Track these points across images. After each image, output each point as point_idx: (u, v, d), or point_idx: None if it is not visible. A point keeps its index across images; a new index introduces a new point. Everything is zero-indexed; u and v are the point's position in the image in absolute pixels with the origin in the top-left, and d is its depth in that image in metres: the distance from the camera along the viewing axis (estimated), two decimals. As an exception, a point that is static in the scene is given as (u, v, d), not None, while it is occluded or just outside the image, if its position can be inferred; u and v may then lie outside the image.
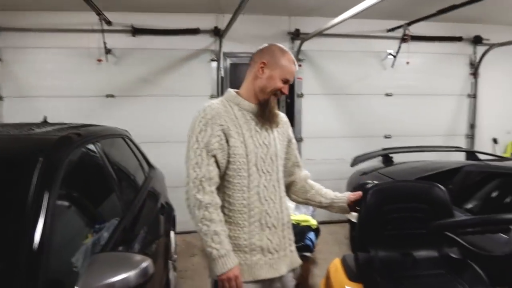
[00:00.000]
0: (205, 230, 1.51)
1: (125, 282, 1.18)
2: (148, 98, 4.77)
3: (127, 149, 2.87)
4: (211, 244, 1.51)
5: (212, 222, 1.52)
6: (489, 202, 2.65)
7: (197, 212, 1.53)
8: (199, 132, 1.58)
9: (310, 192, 1.86)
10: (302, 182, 1.87)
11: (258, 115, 1.67)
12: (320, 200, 1.85)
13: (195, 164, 1.55)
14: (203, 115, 1.60)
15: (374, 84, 5.28)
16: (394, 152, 4.32)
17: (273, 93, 1.66)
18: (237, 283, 1.53)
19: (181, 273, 3.72)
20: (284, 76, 1.65)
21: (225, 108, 1.64)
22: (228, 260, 1.52)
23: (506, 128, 5.75)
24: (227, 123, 1.61)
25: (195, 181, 1.54)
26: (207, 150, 1.56)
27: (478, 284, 1.51)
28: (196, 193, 1.53)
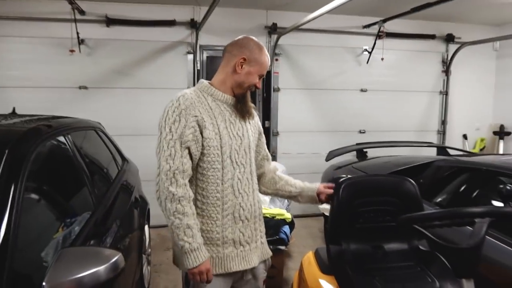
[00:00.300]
0: (177, 224, 1.50)
1: (95, 277, 1.16)
2: (123, 90, 4.68)
3: (100, 141, 2.81)
4: (183, 238, 1.49)
5: (184, 215, 1.50)
6: (458, 196, 2.73)
7: (169, 205, 1.50)
8: (173, 122, 1.54)
9: (279, 183, 1.87)
10: (271, 174, 1.89)
11: (235, 107, 1.68)
12: (290, 190, 1.86)
13: (168, 156, 1.52)
14: (176, 105, 1.56)
15: (349, 79, 5.35)
16: (367, 147, 4.40)
17: (249, 88, 1.68)
18: (207, 276, 1.54)
19: (155, 267, 3.69)
20: (261, 72, 1.68)
21: (198, 99, 1.62)
22: (200, 254, 1.51)
23: (476, 124, 5.95)
24: (202, 114, 1.58)
25: (168, 173, 1.51)
26: (181, 141, 1.53)
27: (444, 275, 1.56)
28: (169, 185, 1.50)
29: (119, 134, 3.77)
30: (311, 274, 2.05)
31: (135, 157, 3.64)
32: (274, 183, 1.88)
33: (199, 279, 1.53)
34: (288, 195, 1.88)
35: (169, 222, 1.52)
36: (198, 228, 1.54)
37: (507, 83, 5.71)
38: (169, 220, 1.52)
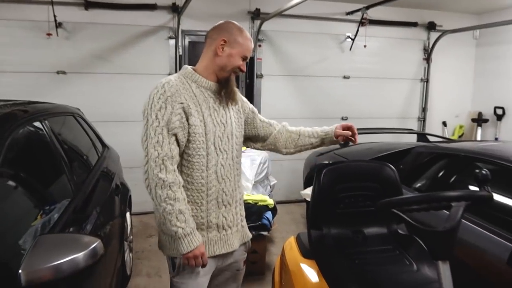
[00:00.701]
0: (169, 210, 1.50)
1: (73, 264, 1.14)
2: (103, 76, 4.57)
3: (79, 128, 2.76)
4: (176, 223, 1.50)
5: (176, 201, 1.50)
6: (436, 181, 2.79)
7: (160, 191, 1.50)
8: (159, 109, 1.53)
9: (298, 140, 1.86)
10: (284, 134, 1.88)
11: (218, 93, 1.66)
12: (311, 142, 1.86)
13: (156, 143, 1.51)
14: (162, 92, 1.55)
15: (332, 66, 5.36)
16: (350, 133, 4.43)
17: (233, 71, 1.66)
18: (203, 260, 1.56)
19: (138, 254, 3.68)
20: (244, 54, 1.65)
21: (183, 85, 1.61)
22: (194, 238, 1.53)
23: (455, 112, 6.06)
24: (187, 101, 1.58)
25: (156, 160, 1.50)
26: (168, 128, 1.52)
27: (421, 257, 1.61)
28: (158, 172, 1.50)
29: (99, 121, 3.70)
30: (293, 258, 2.08)
31: (116, 144, 3.59)
32: (293, 141, 1.87)
33: (195, 263, 1.54)
34: (311, 147, 1.88)
35: (160, 208, 1.51)
36: (189, 213, 1.55)
37: (485, 71, 5.82)
38: (160, 207, 1.51)
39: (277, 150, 1.91)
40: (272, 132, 1.89)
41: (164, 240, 1.69)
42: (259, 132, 1.88)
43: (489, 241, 2.01)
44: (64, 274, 1.12)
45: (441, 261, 1.26)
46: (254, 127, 1.87)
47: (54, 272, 1.10)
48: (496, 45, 5.64)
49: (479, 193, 1.30)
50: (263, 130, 1.88)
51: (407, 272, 1.55)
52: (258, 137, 1.90)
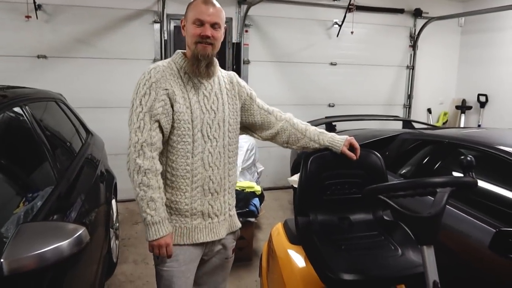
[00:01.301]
0: (141, 195, 1.51)
1: (58, 252, 1.12)
2: (86, 60, 4.46)
3: (61, 114, 2.70)
4: (146, 210, 1.51)
5: (149, 188, 1.51)
6: (421, 167, 2.83)
7: (136, 176, 1.51)
8: (143, 95, 1.52)
9: (301, 140, 1.84)
10: (288, 131, 1.84)
11: (191, 71, 1.60)
12: (314, 146, 1.85)
13: (137, 128, 1.52)
14: (147, 78, 1.54)
15: (319, 53, 5.34)
16: (336, 120, 4.46)
17: (196, 43, 1.56)
18: (167, 250, 1.56)
19: (124, 241, 3.66)
20: (194, 17, 1.56)
21: (171, 71, 1.59)
22: (161, 228, 1.53)
23: (439, 99, 6.13)
24: (173, 87, 1.56)
25: (136, 145, 1.51)
26: (150, 114, 1.52)
27: (406, 242, 1.63)
28: (136, 157, 1.50)
29: (82, 107, 3.64)
30: (280, 244, 2.09)
31: (101, 130, 3.53)
32: (296, 140, 1.84)
33: (159, 252, 1.55)
34: (313, 150, 1.87)
35: (135, 193, 1.53)
36: (162, 202, 1.54)
37: (470, 59, 5.89)
38: (135, 192, 1.52)
39: (277, 144, 1.89)
40: (271, 120, 1.83)
41: None
42: (255, 120, 1.81)
43: (472, 226, 2.06)
44: (48, 263, 1.10)
45: (425, 246, 1.28)
46: (251, 114, 1.80)
47: (38, 261, 1.07)
48: (481, 33, 5.69)
49: (464, 179, 1.32)
50: (261, 117, 1.82)
51: (392, 257, 1.57)
52: (256, 125, 1.83)
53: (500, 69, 5.39)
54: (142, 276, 3.07)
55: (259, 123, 1.83)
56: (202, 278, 1.83)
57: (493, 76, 5.50)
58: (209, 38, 1.56)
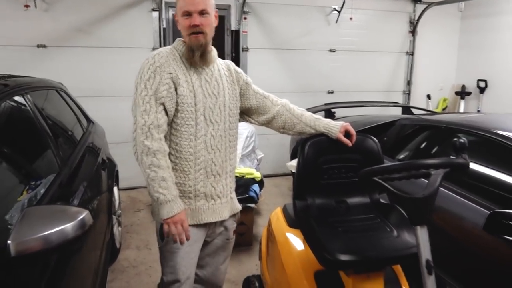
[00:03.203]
0: (152, 176, 1.53)
1: (63, 234, 1.16)
2: (85, 50, 4.47)
3: (62, 102, 2.72)
4: (158, 190, 1.53)
5: (160, 168, 1.53)
6: (419, 152, 2.86)
7: (145, 158, 1.53)
8: (148, 79, 1.57)
9: (298, 125, 1.88)
10: (284, 116, 1.88)
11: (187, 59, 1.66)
12: (310, 132, 1.89)
13: (144, 111, 1.55)
14: (151, 63, 1.59)
15: (318, 39, 5.33)
16: (335, 107, 4.48)
17: (189, 34, 1.62)
18: (183, 227, 1.58)
19: (127, 228, 3.72)
20: (182, 9, 1.61)
21: (174, 57, 1.64)
22: (175, 205, 1.56)
23: (439, 85, 6.13)
24: (176, 71, 1.61)
25: (143, 128, 1.54)
26: (155, 97, 1.56)
27: (401, 224, 1.67)
28: (144, 139, 1.53)
29: (83, 96, 3.65)
30: (279, 228, 2.13)
31: (101, 119, 3.56)
32: (292, 125, 1.88)
33: (175, 229, 1.55)
34: (309, 135, 1.90)
35: (145, 175, 1.55)
36: (173, 180, 1.58)
37: (470, 44, 5.87)
38: (145, 173, 1.54)
39: (274, 129, 1.93)
40: (267, 105, 1.88)
41: (154, 206, 1.73)
42: (251, 104, 1.86)
43: (467, 209, 2.10)
44: (53, 245, 1.13)
45: (419, 226, 1.32)
46: (247, 98, 1.85)
47: (43, 243, 1.11)
48: (481, 18, 5.66)
49: (456, 161, 1.35)
50: (256, 102, 1.86)
51: (388, 238, 1.61)
52: (252, 110, 1.88)
53: (499, 55, 5.38)
54: (144, 261, 3.13)
55: (255, 107, 1.87)
56: (205, 259, 1.89)
57: (492, 62, 5.49)
58: (198, 26, 1.60)
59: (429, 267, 1.29)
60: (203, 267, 1.92)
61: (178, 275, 1.73)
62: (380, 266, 1.60)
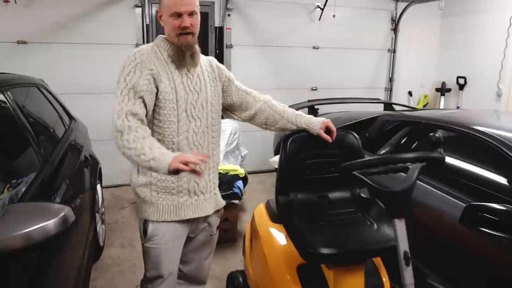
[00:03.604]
0: (140, 148, 1.46)
1: (44, 231, 1.15)
2: (67, 46, 4.40)
3: (44, 99, 2.69)
4: (152, 152, 1.45)
5: (145, 138, 1.49)
6: (399, 147, 2.91)
7: (126, 136, 1.48)
8: (128, 74, 1.57)
9: (280, 121, 1.90)
10: (266, 112, 1.89)
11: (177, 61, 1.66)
12: (292, 128, 1.91)
13: (121, 101, 1.54)
14: (132, 59, 1.60)
15: (302, 36, 5.36)
16: (319, 103, 4.53)
17: (178, 34, 1.62)
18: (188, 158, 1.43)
19: (110, 225, 3.70)
20: (171, 11, 1.60)
21: (155, 54, 1.64)
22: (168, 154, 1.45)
23: (420, 82, 6.23)
24: (157, 68, 1.61)
25: (120, 113, 1.52)
26: (134, 91, 1.55)
27: (381, 218, 1.71)
28: (121, 122, 1.49)
29: (64, 93, 3.61)
30: (262, 223, 2.16)
31: (84, 116, 3.53)
32: (274, 121, 1.90)
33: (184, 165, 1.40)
34: (291, 131, 1.92)
35: (131, 152, 1.47)
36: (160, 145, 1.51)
37: (449, 42, 5.98)
38: (130, 150, 1.47)
39: (256, 125, 1.95)
40: (250, 101, 1.89)
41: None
42: (234, 100, 1.88)
43: (445, 202, 2.16)
44: (35, 242, 1.13)
45: (397, 219, 1.36)
46: (230, 94, 1.87)
47: (24, 240, 1.11)
48: (460, 16, 5.78)
49: (432, 155, 1.39)
50: (239, 98, 1.88)
51: (368, 231, 1.65)
52: (234, 106, 1.90)
53: (478, 52, 5.50)
54: (129, 259, 3.12)
55: (237, 103, 1.89)
56: (188, 255, 1.91)
57: (471, 59, 5.61)
58: (189, 28, 1.61)
59: (406, 258, 1.34)
60: (187, 263, 1.93)
61: (161, 271, 1.75)
62: (361, 258, 1.64)
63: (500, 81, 5.20)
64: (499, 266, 1.82)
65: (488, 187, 2.10)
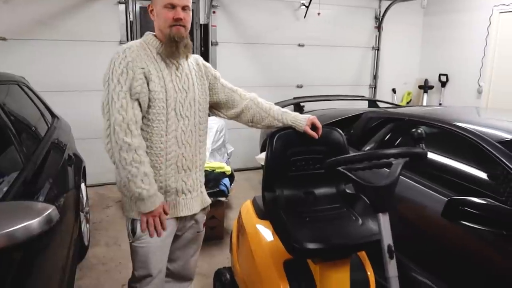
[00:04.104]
0: (134, 172, 1.52)
1: (28, 231, 1.14)
2: (48, 43, 4.32)
3: (25, 97, 2.64)
4: (141, 185, 1.53)
5: (141, 164, 1.54)
6: (383, 144, 2.95)
7: (125, 155, 1.51)
8: (121, 74, 1.54)
9: (266, 118, 1.90)
10: (253, 110, 1.90)
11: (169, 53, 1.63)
12: (278, 125, 1.92)
13: (121, 108, 1.52)
14: (123, 57, 1.56)
15: (287, 34, 5.38)
16: (304, 101, 4.56)
17: (171, 26, 1.61)
18: (160, 219, 1.64)
19: (95, 224, 3.66)
20: (165, 2, 1.60)
21: (144, 51, 1.62)
22: (157, 199, 1.59)
23: (404, 79, 6.32)
24: (148, 66, 1.59)
25: (122, 124, 1.51)
26: (130, 93, 1.54)
27: (366, 213, 1.74)
28: (124, 136, 1.51)
29: (47, 90, 3.55)
30: (249, 220, 2.17)
31: (67, 115, 3.47)
32: (260, 119, 1.91)
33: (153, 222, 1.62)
34: (278, 128, 1.93)
35: (125, 171, 1.53)
36: (153, 175, 1.59)
37: (432, 40, 6.08)
38: (125, 170, 1.53)
39: (242, 123, 1.95)
40: (236, 99, 1.90)
41: (125, 202, 1.72)
42: (220, 98, 1.88)
43: (427, 197, 2.20)
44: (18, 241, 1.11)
45: (381, 213, 1.38)
46: (216, 92, 1.87)
47: (8, 239, 1.09)
48: (442, 14, 5.87)
49: (414, 150, 1.42)
50: (225, 95, 1.88)
51: (353, 226, 1.67)
52: (220, 104, 1.90)
53: (459, 50, 5.60)
54: (114, 258, 3.10)
55: (223, 101, 1.89)
56: (175, 253, 1.90)
57: (453, 56, 5.71)
58: (182, 20, 1.62)
59: (390, 252, 1.36)
60: (174, 261, 1.93)
61: (150, 270, 1.74)
62: (346, 253, 1.66)
63: (481, 79, 5.31)
64: (479, 258, 1.87)
65: (469, 182, 2.15)
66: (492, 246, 1.82)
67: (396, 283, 1.35)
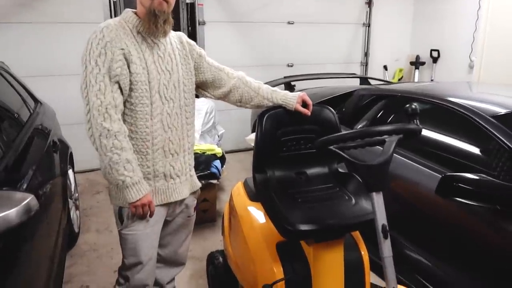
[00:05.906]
0: (116, 159, 1.46)
1: (6, 221, 1.09)
2: (29, 25, 4.16)
3: (5, 82, 2.55)
4: (123, 173, 1.47)
5: (123, 150, 1.47)
6: (376, 121, 2.92)
7: (105, 141, 1.45)
8: (98, 55, 1.44)
9: (256, 98, 1.84)
10: (241, 89, 1.83)
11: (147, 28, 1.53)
12: (268, 104, 1.85)
13: (98, 91, 1.44)
14: (100, 37, 1.46)
15: (276, 11, 5.26)
16: (295, 80, 4.47)
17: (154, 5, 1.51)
18: (150, 208, 1.57)
19: (85, 211, 3.61)
20: None
21: (124, 30, 1.52)
22: (142, 187, 1.53)
23: (395, 56, 6.26)
24: (128, 47, 1.50)
25: (100, 109, 1.44)
26: (109, 76, 1.45)
27: (359, 192, 1.70)
28: (102, 121, 1.44)
29: (29, 75, 3.44)
30: (240, 202, 2.13)
31: (51, 100, 3.38)
32: (249, 98, 1.84)
33: (142, 211, 1.55)
34: (267, 108, 1.87)
35: (106, 158, 1.47)
36: (136, 162, 1.54)
37: (423, 15, 5.99)
38: (106, 157, 1.46)
39: (231, 103, 1.88)
40: (223, 77, 1.83)
41: (112, 190, 1.67)
42: (206, 77, 1.80)
43: (421, 174, 2.17)
44: (-4, 232, 1.06)
45: (375, 193, 1.34)
46: (201, 71, 1.79)
47: (-16, 231, 1.04)
48: (433, -12, 5.78)
49: (408, 126, 1.37)
50: (211, 74, 1.81)
51: (346, 206, 1.64)
52: (207, 83, 1.83)
53: (451, 25, 5.54)
54: (106, 244, 3.06)
55: (210, 80, 1.82)
56: (166, 239, 1.87)
57: (444, 32, 5.65)
58: None
59: (384, 231, 1.33)
60: (165, 246, 1.89)
61: (140, 257, 1.70)
62: (340, 233, 1.62)
63: (472, 53, 5.26)
64: (472, 234, 1.86)
65: (461, 157, 2.12)
66: (486, 222, 1.81)
67: (391, 263, 1.32)
